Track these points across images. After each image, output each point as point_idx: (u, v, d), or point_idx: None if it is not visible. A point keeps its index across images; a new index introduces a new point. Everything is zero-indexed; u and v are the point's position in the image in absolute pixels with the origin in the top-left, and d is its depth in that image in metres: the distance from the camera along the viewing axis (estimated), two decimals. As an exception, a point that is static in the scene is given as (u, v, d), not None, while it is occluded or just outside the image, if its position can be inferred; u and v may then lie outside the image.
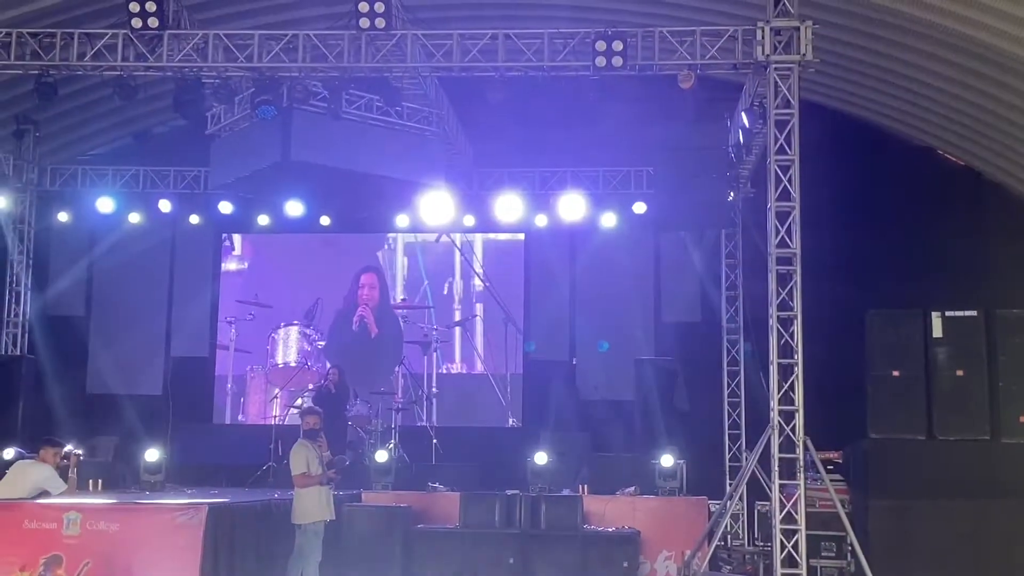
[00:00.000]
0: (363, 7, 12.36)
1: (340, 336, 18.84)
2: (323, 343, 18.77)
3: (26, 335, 17.87)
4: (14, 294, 17.84)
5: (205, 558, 9.55)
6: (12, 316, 17.80)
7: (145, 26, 12.55)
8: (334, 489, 11.52)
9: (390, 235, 19.07)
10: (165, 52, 12.85)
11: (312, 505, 10.87)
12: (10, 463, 11.60)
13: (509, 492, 13.09)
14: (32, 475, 10.64)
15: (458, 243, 19.03)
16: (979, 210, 17.11)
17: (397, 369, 18.20)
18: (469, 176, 17.46)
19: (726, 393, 16.80)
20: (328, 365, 17.04)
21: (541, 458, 13.82)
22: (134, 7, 12.47)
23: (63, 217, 18.07)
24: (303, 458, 10.93)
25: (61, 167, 18.18)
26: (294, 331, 18.70)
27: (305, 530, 10.81)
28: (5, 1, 13.88)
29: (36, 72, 13.09)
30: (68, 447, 11.26)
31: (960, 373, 12.17)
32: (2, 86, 15.48)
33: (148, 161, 18.12)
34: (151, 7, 12.48)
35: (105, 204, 17.80)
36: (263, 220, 18.25)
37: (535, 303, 18.59)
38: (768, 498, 12.24)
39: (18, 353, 17.56)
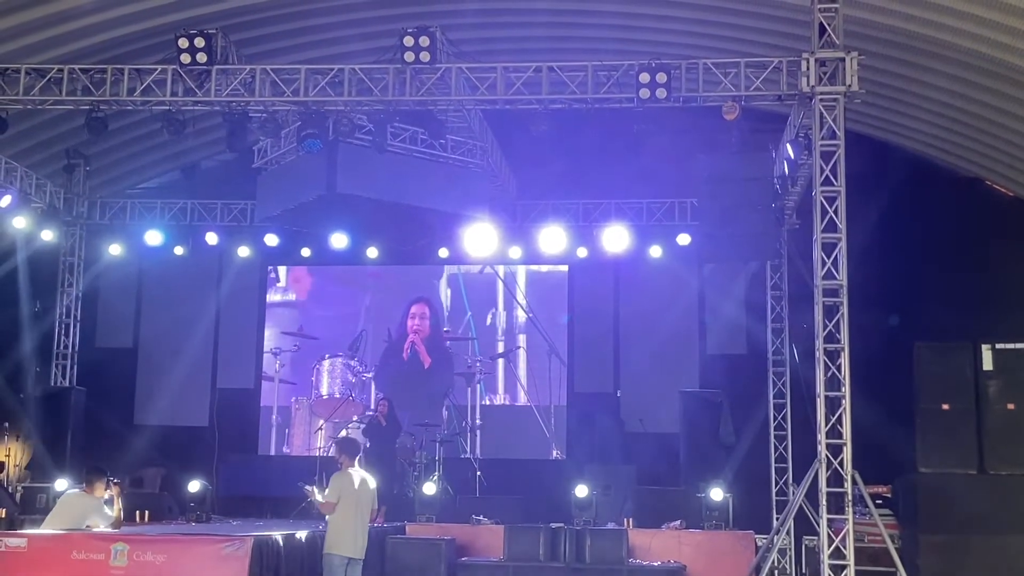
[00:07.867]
0: (408, 41, 12.52)
1: (390, 366, 18.87)
2: (369, 375, 18.82)
3: (75, 367, 18.12)
4: (63, 326, 18.10)
5: (250, 589, 9.56)
6: (61, 348, 18.06)
7: (194, 61, 12.77)
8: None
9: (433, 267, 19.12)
10: (213, 87, 13.03)
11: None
12: (60, 494, 11.69)
13: (554, 525, 13.03)
14: (81, 506, 10.69)
15: (501, 275, 19.05)
16: (1029, 241, 16.90)
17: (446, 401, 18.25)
18: (512, 208, 17.51)
19: (772, 426, 16.63)
20: (379, 396, 17.07)
21: (585, 491, 13.76)
22: (183, 43, 12.72)
23: (112, 250, 18.29)
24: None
25: (110, 200, 18.47)
26: (339, 363, 18.79)
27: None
28: (56, 38, 14.15)
29: (87, 107, 13.34)
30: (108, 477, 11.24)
31: (1011, 407, 11.95)
32: (53, 121, 15.79)
33: (196, 194, 18.34)
34: (200, 43, 12.72)
35: (153, 237, 18.00)
36: (308, 252, 18.40)
37: (579, 335, 18.55)
38: (816, 532, 12.08)
39: (67, 384, 17.80)
